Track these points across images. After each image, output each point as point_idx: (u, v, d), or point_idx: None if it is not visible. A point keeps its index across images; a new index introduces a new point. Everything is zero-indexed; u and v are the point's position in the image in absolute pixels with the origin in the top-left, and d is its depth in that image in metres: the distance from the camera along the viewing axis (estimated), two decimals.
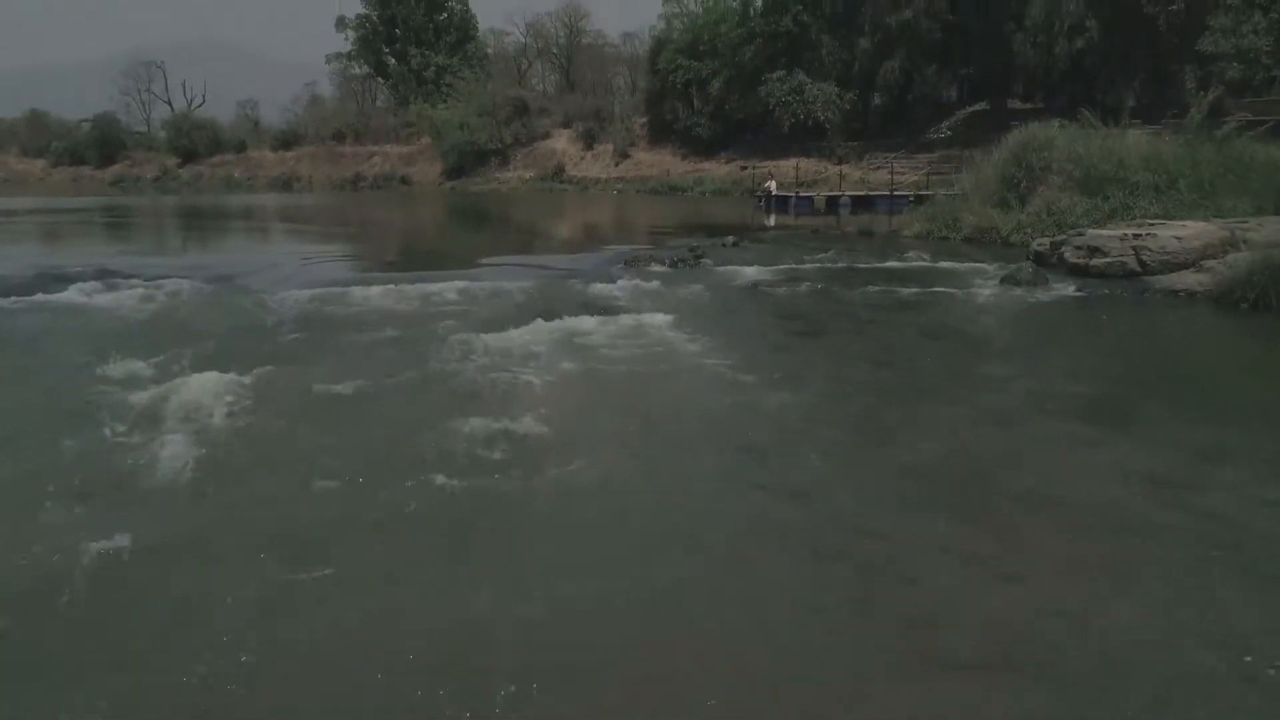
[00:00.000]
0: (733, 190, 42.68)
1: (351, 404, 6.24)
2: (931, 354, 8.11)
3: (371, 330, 8.70)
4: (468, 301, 10.32)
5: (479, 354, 7.53)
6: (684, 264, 13.52)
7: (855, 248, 15.66)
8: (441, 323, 8.98)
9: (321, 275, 12.25)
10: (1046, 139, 16.18)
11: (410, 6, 70.71)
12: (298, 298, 10.19)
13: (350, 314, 9.40)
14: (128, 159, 79.77)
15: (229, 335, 7.92)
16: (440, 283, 11.13)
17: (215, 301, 9.98)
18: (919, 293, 11.10)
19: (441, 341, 7.94)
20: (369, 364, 7.32)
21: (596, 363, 7.39)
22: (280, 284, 11.37)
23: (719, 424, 6.01)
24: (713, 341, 8.07)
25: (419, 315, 9.43)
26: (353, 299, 10.19)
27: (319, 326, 8.77)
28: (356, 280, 11.40)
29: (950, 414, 6.22)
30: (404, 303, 10.12)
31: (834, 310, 10.13)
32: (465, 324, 8.95)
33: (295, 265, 13.52)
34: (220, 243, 20.40)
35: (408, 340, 8.24)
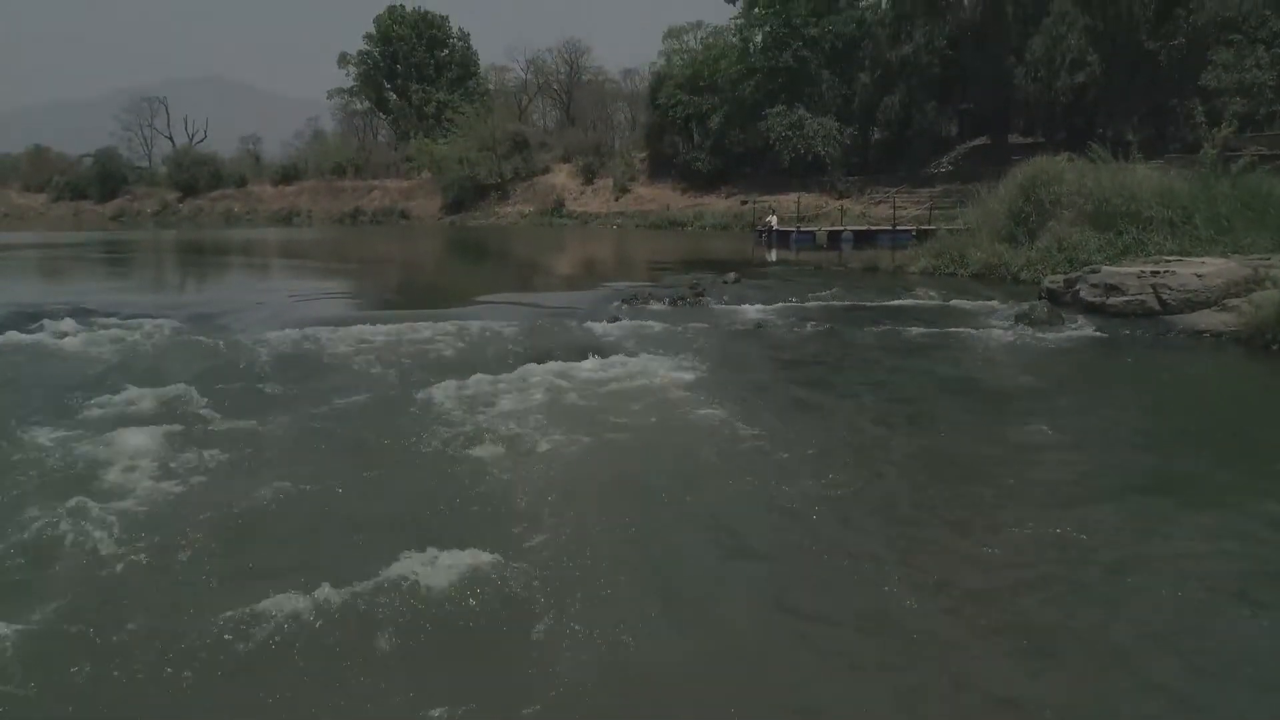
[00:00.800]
0: (733, 225, 42.46)
1: (308, 467, 5.65)
2: (953, 410, 7.36)
3: (349, 376, 8.17)
4: (457, 342, 9.81)
5: (462, 406, 7.00)
6: (684, 302, 13.04)
7: (860, 284, 15.19)
8: (426, 367, 8.47)
9: (307, 314, 11.76)
10: (1056, 173, 15.79)
11: (412, 43, 71.32)
12: (277, 339, 9.68)
13: (330, 357, 8.88)
14: (128, 194, 79.99)
15: (192, 382, 7.39)
16: (430, 322, 10.64)
17: (188, 344, 9.47)
18: (930, 334, 10.59)
19: (423, 390, 7.41)
20: (337, 417, 6.79)
21: (589, 416, 6.84)
22: (262, 323, 10.87)
23: (724, 502, 5.32)
24: (714, 393, 7.53)
25: (403, 358, 8.91)
26: (335, 340, 9.68)
27: (292, 372, 8.24)
28: (343, 319, 10.90)
29: (988, 495, 5.35)
30: (389, 344, 9.61)
31: (842, 354, 9.60)
32: (451, 368, 8.43)
33: (282, 303, 13.05)
34: (209, 279, 19.93)
35: (385, 387, 7.71)
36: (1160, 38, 35.56)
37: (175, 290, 16.14)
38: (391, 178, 66.60)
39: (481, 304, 13.08)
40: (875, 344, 10.11)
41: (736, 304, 12.85)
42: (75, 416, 6.58)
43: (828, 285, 14.71)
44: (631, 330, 10.64)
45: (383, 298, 15.13)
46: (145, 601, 3.94)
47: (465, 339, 9.97)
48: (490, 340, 9.92)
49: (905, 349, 9.86)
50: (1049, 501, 5.25)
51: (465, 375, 7.89)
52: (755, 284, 15.16)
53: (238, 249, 32.95)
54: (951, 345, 10.03)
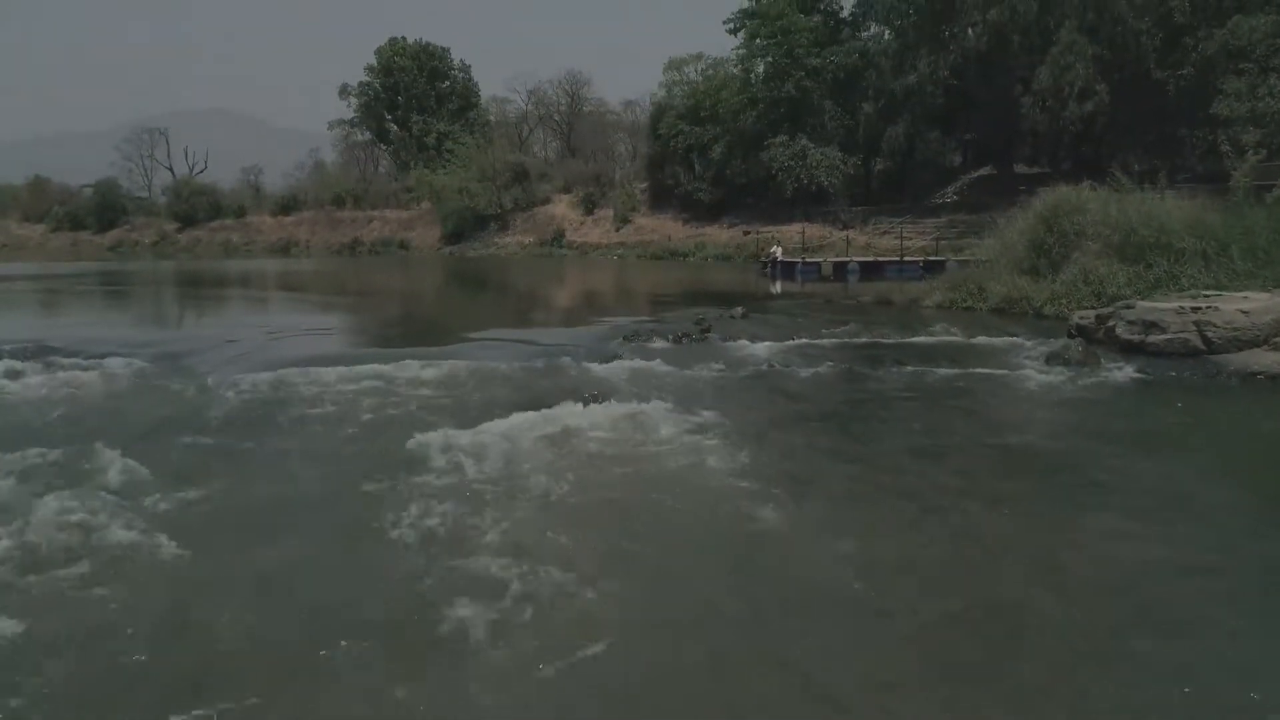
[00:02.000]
0: (735, 255, 41.84)
1: (249, 550, 4.80)
2: (998, 474, 6.41)
3: (316, 429, 7.32)
4: (445, 386, 8.97)
5: (441, 467, 6.14)
6: (689, 339, 12.21)
7: (875, 320, 14.37)
8: (406, 417, 7.62)
9: (284, 353, 10.93)
10: (1079, 202, 15.04)
11: (413, 75, 71.39)
12: (246, 382, 8.84)
13: (299, 405, 8.03)
14: (127, 224, 79.80)
15: (138, 437, 6.57)
16: (417, 362, 9.79)
17: (145, 389, 8.64)
18: (957, 375, 9.74)
19: (398, 446, 6.56)
20: (295, 482, 5.94)
21: (585, 478, 5.99)
22: (233, 364, 10.03)
23: (743, 587, 4.50)
24: (725, 450, 6.67)
25: (383, 405, 8.06)
26: (310, 384, 8.84)
27: (253, 424, 7.40)
28: (323, 359, 10.07)
29: (1056, 595, 4.39)
30: (370, 388, 8.76)
31: (863, 399, 8.75)
32: (435, 417, 7.59)
33: (260, 340, 12.22)
34: (189, 313, 19.11)
35: (356, 442, 6.86)
36: (1168, 67, 35.16)
37: (151, 325, 15.32)
38: (391, 208, 66.25)
39: (474, 341, 12.25)
40: (899, 388, 9.26)
41: (745, 341, 12.01)
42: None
43: (841, 321, 13.88)
44: (633, 372, 9.80)
45: (370, 334, 14.28)
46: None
47: (453, 382, 9.12)
48: (480, 383, 9.08)
49: (932, 394, 9.01)
50: (1135, 607, 4.25)
51: (449, 426, 7.05)
52: (764, 319, 14.34)
53: (229, 280, 32.25)
54: (982, 390, 9.18)
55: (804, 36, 44.06)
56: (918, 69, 39.48)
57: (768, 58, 45.36)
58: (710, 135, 47.17)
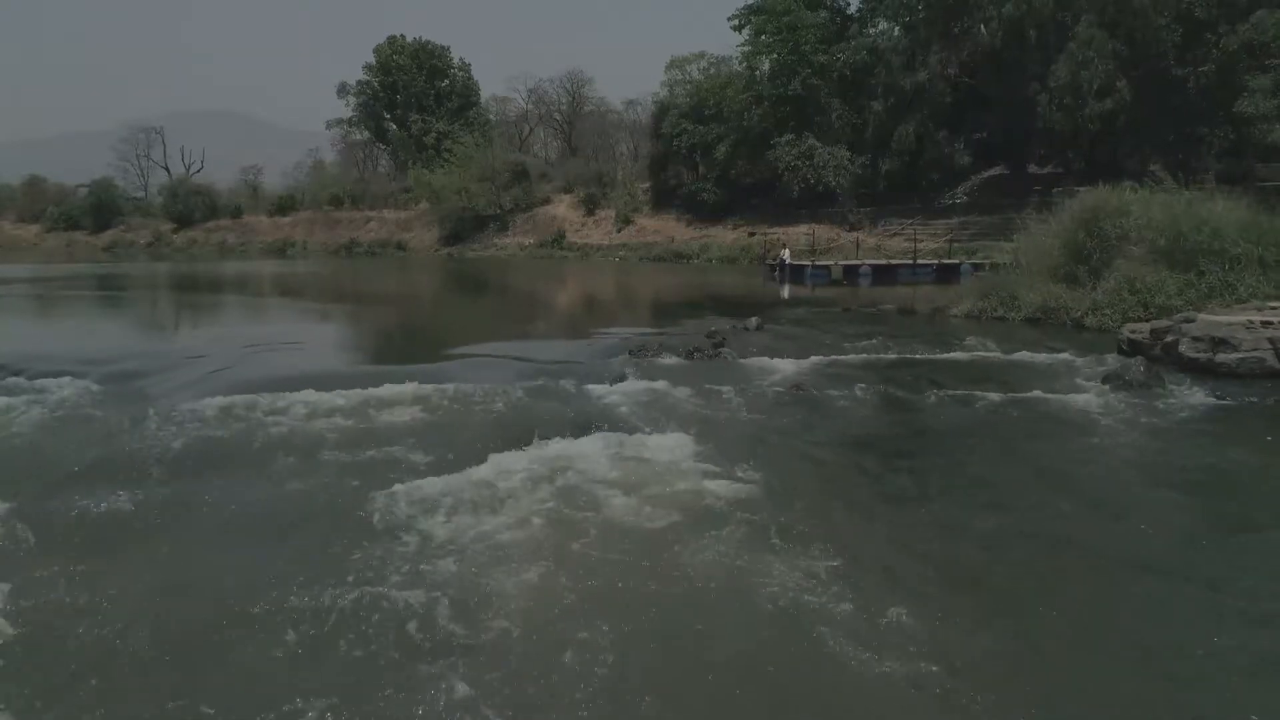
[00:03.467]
0: (741, 258, 40.75)
1: (167, 635, 3.73)
2: (1089, 531, 5.07)
3: (272, 469, 6.22)
4: (427, 414, 7.87)
5: (408, 527, 5.04)
6: (700, 354, 11.11)
7: (900, 331, 13.27)
8: (375, 457, 6.51)
9: (251, 373, 9.82)
10: (1120, 204, 13.93)
11: (411, 73, 70.30)
12: (204, 408, 7.73)
13: (251, 442, 6.92)
14: (123, 224, 78.77)
15: (47, 483, 5.49)
16: (399, 384, 8.68)
17: (79, 419, 7.54)
18: (1008, 402, 8.63)
19: (360, 497, 5.47)
20: (222, 557, 4.84)
21: (580, 549, 4.88)
22: (190, 387, 8.93)
23: (769, 679, 3.44)
24: (754, 501, 5.60)
25: (349, 442, 6.95)
26: (269, 413, 7.73)
27: (192, 467, 6.30)
28: (291, 380, 8.98)
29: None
30: (341, 417, 7.67)
31: (907, 435, 7.63)
32: (411, 455, 6.51)
33: (230, 355, 11.11)
34: (166, 321, 17.97)
35: (308, 496, 5.73)
36: (1188, 64, 34.03)
37: (118, 336, 14.22)
38: (389, 208, 65.18)
39: (465, 357, 11.15)
40: (945, 416, 8.15)
41: (763, 357, 10.91)
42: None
43: (865, 333, 12.77)
44: (640, 395, 8.69)
45: (351, 347, 13.16)
46: None
47: (436, 409, 8.02)
48: (467, 410, 7.98)
49: (984, 424, 7.89)
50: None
51: (423, 469, 5.97)
52: (780, 331, 13.25)
53: (217, 284, 31.17)
54: (1041, 421, 8.06)
55: (811, 33, 42.95)
56: (928, 66, 38.35)
57: (773, 54, 44.25)
58: (714, 134, 46.06)
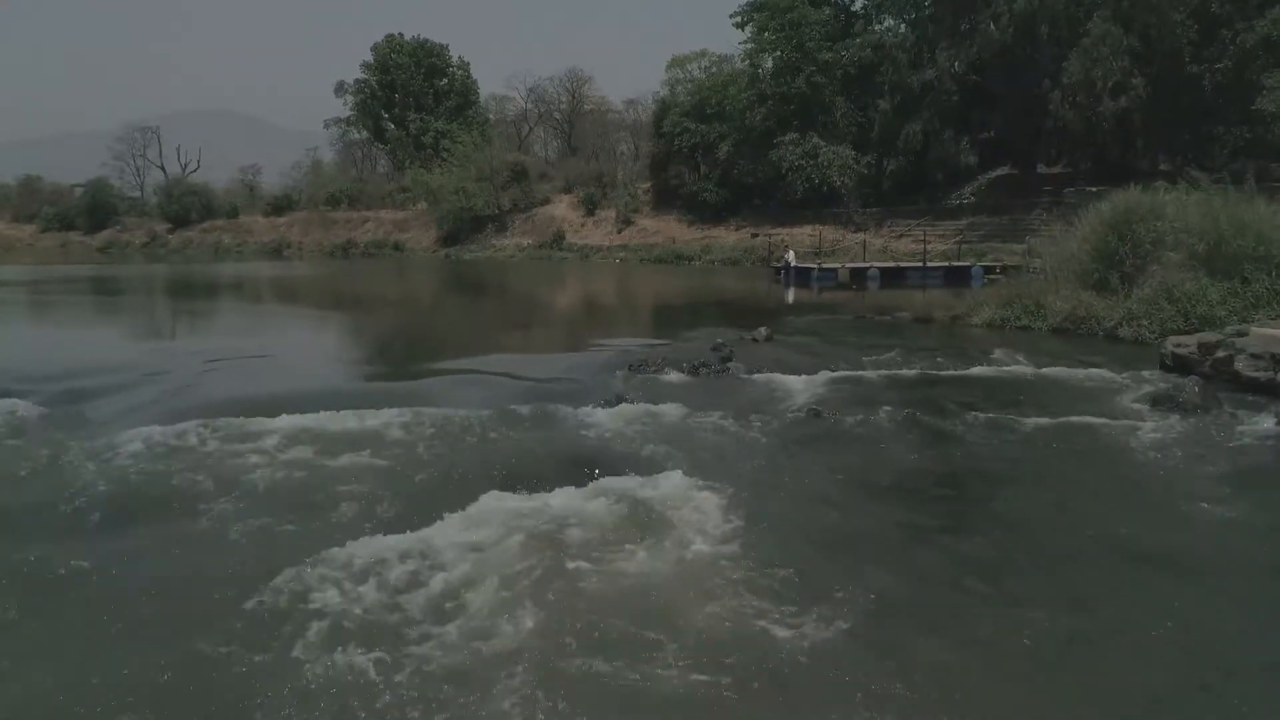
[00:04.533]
0: (744, 259, 39.85)
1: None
2: (1168, 600, 4.34)
3: (200, 526, 5.29)
4: (396, 447, 6.95)
5: (357, 606, 4.12)
6: (706, 370, 10.19)
7: (919, 343, 12.35)
8: (332, 502, 5.60)
9: (210, 393, 8.91)
10: (1156, 206, 13.01)
11: (410, 72, 69.42)
12: (138, 442, 6.79)
13: (194, 482, 5.99)
14: (118, 225, 77.89)
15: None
16: (371, 410, 7.76)
17: (10, 448, 6.61)
18: (1050, 429, 7.70)
19: (305, 557, 4.55)
20: (119, 630, 3.93)
21: (565, 632, 3.96)
22: (139, 410, 8.02)
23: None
24: (763, 561, 4.69)
25: (305, 483, 6.04)
26: (220, 444, 6.82)
27: (116, 509, 5.40)
28: (253, 403, 8.06)
29: None
30: (296, 452, 6.74)
31: (938, 470, 6.69)
32: (371, 504, 5.60)
33: (192, 372, 10.19)
34: (138, 331, 16.92)
35: (248, 553, 4.81)
36: (1203, 61, 33.10)
37: (80, 348, 13.21)
38: (386, 209, 64.27)
39: (450, 373, 10.22)
40: (980, 449, 7.21)
41: (774, 373, 9.99)
42: None
43: (882, 345, 11.86)
44: (640, 420, 7.77)
45: (327, 361, 12.19)
46: None
47: (408, 440, 7.09)
48: (442, 442, 7.06)
49: (1024, 459, 6.95)
50: None
51: (384, 521, 5.05)
52: (791, 342, 12.33)
53: (203, 287, 30.29)
54: (1086, 450, 7.14)
55: (815, 30, 42.06)
56: (936, 63, 37.42)
57: (776, 52, 43.37)
58: (716, 133, 45.15)
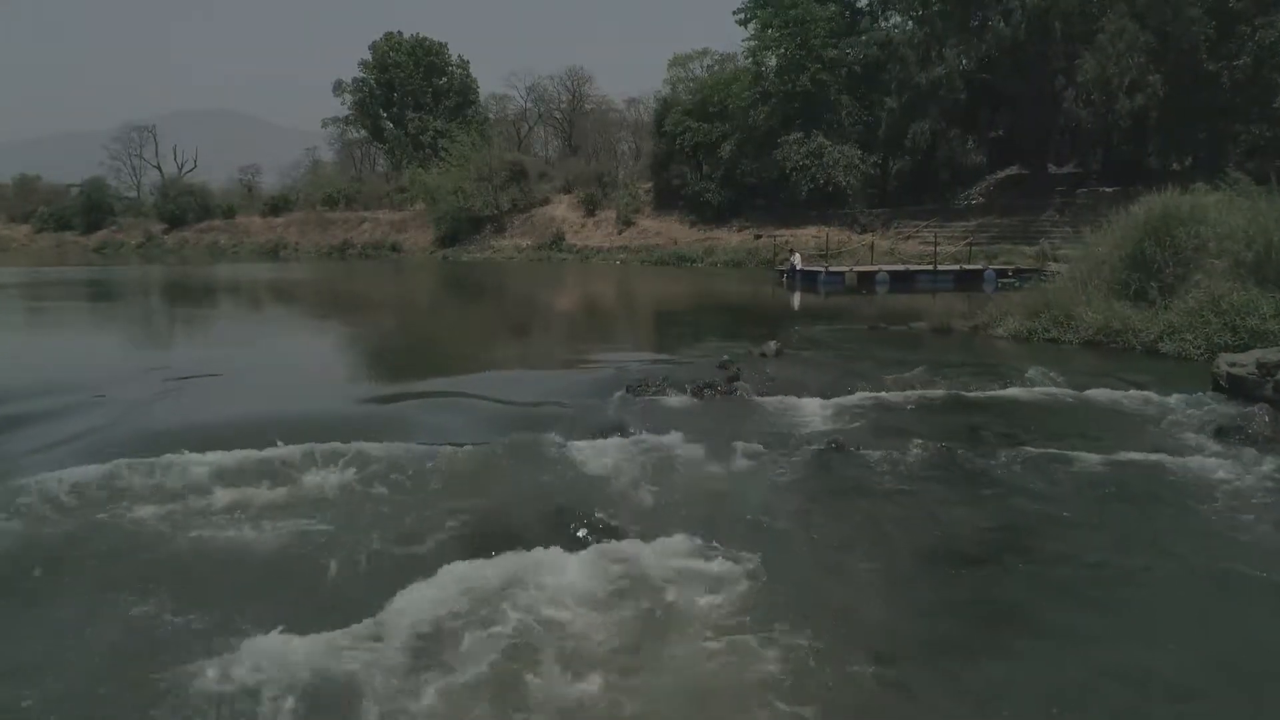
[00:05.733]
0: (747, 261, 38.90)
1: None
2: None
3: (76, 604, 4.33)
4: (351, 498, 5.98)
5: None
6: (712, 391, 9.23)
7: (942, 357, 11.39)
8: (257, 578, 4.64)
9: (155, 420, 7.96)
10: (1195, 209, 12.04)
11: (409, 70, 68.57)
12: (43, 486, 5.83)
13: (107, 545, 5.02)
14: (114, 225, 77.15)
15: None
16: (336, 442, 6.79)
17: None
18: (1100, 466, 6.72)
19: (201, 660, 3.59)
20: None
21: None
22: (67, 443, 7.06)
23: None
24: (798, 657, 3.72)
25: (238, 543, 5.08)
26: (149, 491, 5.86)
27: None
28: (199, 433, 7.11)
29: None
30: (226, 499, 5.78)
31: (985, 521, 5.71)
32: (304, 582, 4.65)
33: (145, 394, 9.22)
34: (101, 340, 15.82)
35: (100, 670, 3.83)
36: (1221, 58, 32.11)
37: (28, 364, 12.14)
38: (384, 209, 63.37)
39: (428, 395, 9.25)
40: (1033, 492, 6.24)
41: (787, 395, 9.03)
42: None
43: (901, 360, 10.89)
44: (639, 456, 6.82)
45: (297, 380, 11.13)
46: None
47: (365, 485, 6.13)
48: (407, 486, 6.10)
49: (1088, 506, 5.99)
50: None
51: (309, 610, 4.08)
52: (803, 357, 11.36)
53: (192, 290, 29.37)
54: (1149, 493, 6.18)
55: (820, 27, 41.12)
56: (945, 60, 36.42)
57: (780, 49, 42.40)
58: (719, 132, 44.20)
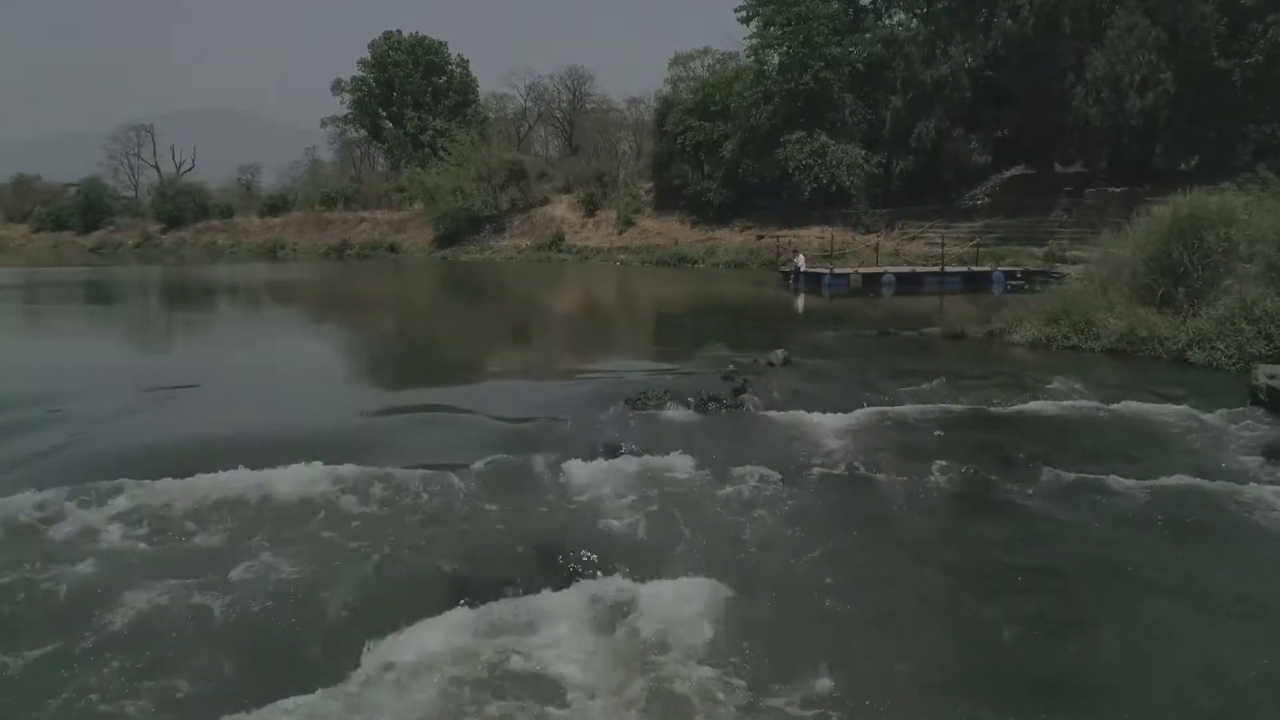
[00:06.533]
0: (749, 262, 38.30)
1: None
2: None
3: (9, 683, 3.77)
4: (317, 535, 5.39)
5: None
6: (716, 405, 8.66)
7: (958, 367, 10.79)
8: (199, 644, 4.06)
9: (120, 440, 7.36)
10: (1224, 210, 11.45)
11: (408, 69, 67.96)
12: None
13: (30, 581, 4.46)
14: (112, 225, 76.55)
15: None
16: (303, 464, 6.19)
17: None
18: (1146, 491, 6.14)
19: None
20: None
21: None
22: (20, 466, 6.48)
23: None
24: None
25: (179, 590, 4.49)
26: (88, 526, 5.28)
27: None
28: (157, 456, 6.55)
29: None
30: (177, 537, 5.21)
31: (1025, 559, 5.12)
32: (254, 646, 4.06)
33: (115, 407, 8.65)
34: (78, 345, 15.13)
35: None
36: (1233, 55, 31.51)
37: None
38: (382, 209, 62.79)
39: (413, 410, 8.65)
40: (1074, 523, 5.66)
41: (798, 409, 8.44)
42: None
43: (916, 370, 10.30)
44: (638, 484, 6.23)
45: (278, 391, 10.47)
46: None
47: (325, 520, 5.53)
48: (382, 518, 5.52)
49: (1136, 539, 5.41)
50: None
51: (255, 684, 3.49)
52: (812, 367, 10.77)
53: (181, 291, 28.83)
54: (1210, 523, 5.61)
55: (823, 24, 40.54)
56: (951, 58, 35.81)
57: (783, 47, 41.78)
58: (721, 131, 43.59)
